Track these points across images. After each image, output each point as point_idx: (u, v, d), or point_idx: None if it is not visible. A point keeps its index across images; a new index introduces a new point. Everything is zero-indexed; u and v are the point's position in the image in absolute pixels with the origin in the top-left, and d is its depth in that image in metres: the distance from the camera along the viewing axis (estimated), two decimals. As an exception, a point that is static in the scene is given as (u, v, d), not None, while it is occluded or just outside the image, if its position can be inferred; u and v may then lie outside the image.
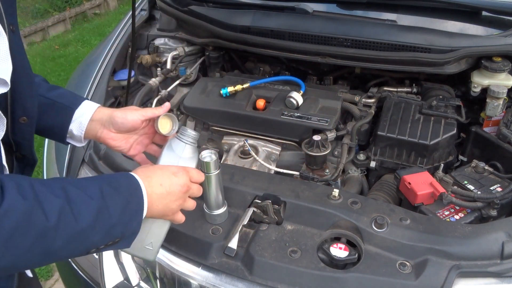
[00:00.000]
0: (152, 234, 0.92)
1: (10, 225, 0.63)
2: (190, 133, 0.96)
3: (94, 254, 1.33)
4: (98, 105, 1.05)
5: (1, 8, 0.71)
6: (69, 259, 1.39)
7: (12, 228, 0.63)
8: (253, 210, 1.07)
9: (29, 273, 1.08)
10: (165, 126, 1.02)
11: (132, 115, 1.00)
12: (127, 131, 1.02)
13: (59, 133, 1.04)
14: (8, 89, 0.75)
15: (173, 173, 0.88)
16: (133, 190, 0.81)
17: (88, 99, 1.06)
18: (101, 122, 1.02)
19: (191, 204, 0.93)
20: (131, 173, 0.85)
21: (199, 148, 1.62)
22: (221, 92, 1.53)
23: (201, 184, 1.03)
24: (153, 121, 1.04)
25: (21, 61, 0.80)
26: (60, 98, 1.02)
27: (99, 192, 0.75)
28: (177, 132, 0.98)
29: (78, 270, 1.36)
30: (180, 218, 0.92)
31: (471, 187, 1.22)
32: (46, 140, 1.66)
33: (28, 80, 0.85)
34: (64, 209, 0.69)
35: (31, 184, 0.68)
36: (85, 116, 1.02)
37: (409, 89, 1.60)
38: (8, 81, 0.74)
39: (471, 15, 1.54)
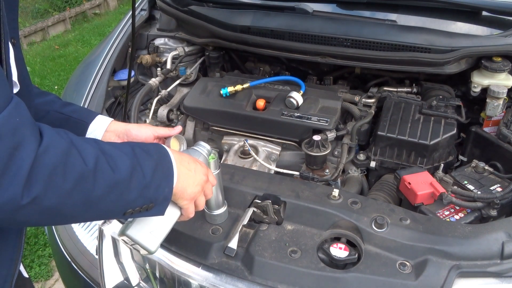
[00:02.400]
0: (159, 223, 0.92)
1: (50, 162, 0.64)
2: (205, 145, 1.00)
3: (94, 254, 1.33)
4: (112, 119, 1.10)
5: (5, 23, 0.74)
6: (68, 259, 1.39)
7: (52, 165, 0.64)
8: (253, 210, 1.07)
9: (24, 273, 1.08)
10: (175, 146, 1.09)
11: (147, 129, 1.07)
12: None
13: None
14: (17, 89, 0.79)
15: (198, 161, 0.92)
16: (163, 156, 0.83)
17: (101, 114, 1.10)
18: (116, 133, 1.07)
19: (203, 201, 0.94)
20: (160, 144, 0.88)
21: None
22: (221, 92, 1.53)
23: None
24: (163, 139, 1.11)
25: (21, 72, 0.83)
26: (74, 113, 1.06)
27: (131, 151, 0.78)
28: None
29: (78, 270, 1.36)
30: (191, 211, 0.92)
31: (471, 187, 1.22)
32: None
33: (27, 91, 0.87)
34: (100, 158, 0.71)
35: (65, 132, 0.71)
36: (100, 130, 1.06)
37: (409, 89, 1.60)
38: (17, 82, 0.78)
39: (471, 15, 1.54)
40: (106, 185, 0.71)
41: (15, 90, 0.78)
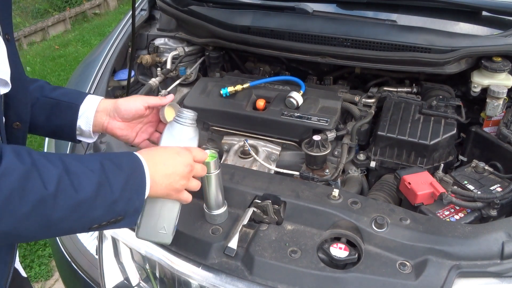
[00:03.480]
0: (164, 218, 0.93)
1: (7, 186, 0.63)
2: (187, 114, 0.95)
3: (94, 254, 1.33)
4: (101, 97, 1.07)
5: None
6: (68, 259, 1.39)
7: (10, 190, 0.63)
8: (253, 210, 1.07)
9: (22, 272, 1.08)
10: (170, 115, 1.04)
11: (135, 102, 1.04)
12: (131, 118, 1.05)
13: (69, 132, 1.05)
14: (9, 89, 0.78)
15: (176, 153, 0.88)
16: (135, 167, 0.81)
17: (91, 94, 1.07)
18: (106, 112, 1.04)
19: (195, 184, 0.92)
20: (134, 152, 0.84)
21: (200, 147, 1.62)
22: (221, 92, 1.53)
23: (201, 184, 1.04)
24: (156, 110, 1.08)
25: (16, 68, 0.82)
26: (64, 96, 1.04)
27: (100, 166, 0.75)
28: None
29: (78, 270, 1.36)
30: (186, 197, 0.91)
31: (471, 187, 1.22)
32: (46, 141, 1.66)
33: (22, 87, 0.87)
34: (63, 178, 0.69)
35: (29, 152, 0.69)
36: (91, 110, 1.03)
37: (409, 89, 1.60)
38: (9, 81, 0.77)
39: (471, 15, 1.54)
40: (67, 207, 0.69)
41: (6, 90, 0.78)
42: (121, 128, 1.05)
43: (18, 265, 1.10)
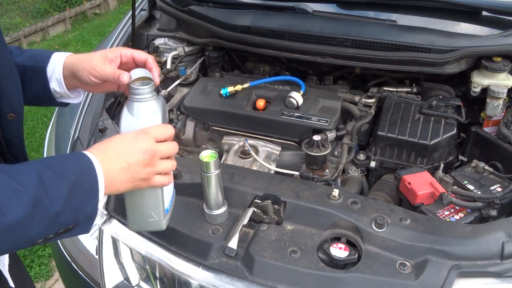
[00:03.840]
0: (148, 206, 0.87)
1: None
2: (139, 89, 0.84)
3: (94, 254, 1.33)
4: (67, 54, 0.97)
5: None
6: (68, 259, 1.39)
7: None
8: (253, 210, 1.07)
9: (10, 282, 1.03)
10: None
11: (89, 74, 0.91)
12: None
13: (47, 97, 0.98)
14: None
15: (132, 140, 0.79)
16: (83, 170, 0.73)
17: (57, 51, 0.98)
18: (72, 73, 0.95)
19: (166, 166, 0.83)
20: (84, 152, 0.76)
21: (199, 148, 1.62)
22: (221, 92, 1.53)
23: (202, 184, 1.04)
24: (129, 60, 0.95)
25: (4, 57, 0.80)
26: (29, 60, 0.96)
27: (37, 178, 0.68)
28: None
29: (78, 270, 1.36)
30: (160, 181, 0.83)
31: (471, 187, 1.22)
32: (46, 139, 1.66)
33: (12, 77, 0.85)
34: None
35: None
36: (58, 70, 0.95)
37: (409, 89, 1.60)
38: None
39: (471, 15, 1.54)
40: None
41: None
42: (95, 88, 0.96)
43: (6, 274, 1.04)
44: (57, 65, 0.95)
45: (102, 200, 0.76)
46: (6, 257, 1.02)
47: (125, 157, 0.77)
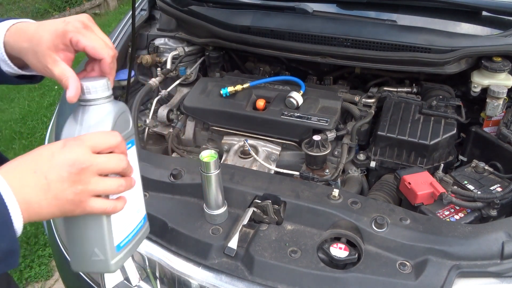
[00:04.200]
0: (89, 241, 0.68)
1: None
2: (88, 87, 0.67)
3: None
4: (3, 31, 0.75)
5: None
6: (69, 260, 1.39)
7: None
8: (253, 210, 1.07)
9: None
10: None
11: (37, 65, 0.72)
12: None
13: (2, 78, 0.79)
14: None
15: (56, 150, 0.62)
16: None
17: None
18: (19, 59, 0.76)
19: (109, 185, 0.64)
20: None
21: (199, 148, 1.62)
22: (221, 92, 1.53)
23: (202, 184, 1.04)
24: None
25: None
26: None
27: None
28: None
29: (78, 270, 1.36)
30: (98, 206, 0.64)
31: (471, 187, 1.22)
32: (47, 139, 1.66)
33: None
34: None
35: None
36: None
37: (409, 89, 1.60)
38: None
39: (471, 15, 1.54)
40: None
41: None
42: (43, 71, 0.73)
43: None
44: None
45: (20, 229, 0.59)
46: None
47: (43, 171, 0.60)
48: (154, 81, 1.69)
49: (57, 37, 0.70)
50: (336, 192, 1.11)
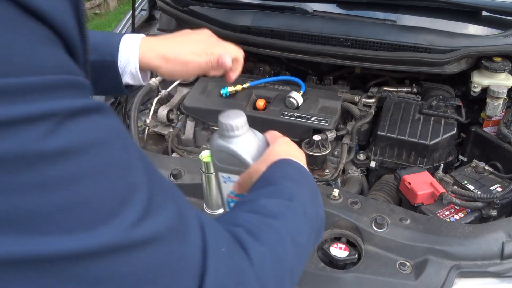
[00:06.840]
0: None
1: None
2: (230, 124, 0.81)
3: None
4: (136, 44, 0.86)
5: None
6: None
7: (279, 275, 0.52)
8: (253, 210, 1.07)
9: None
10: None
11: (187, 69, 0.90)
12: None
13: (117, 91, 0.90)
14: None
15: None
16: (304, 173, 0.70)
17: (123, 36, 0.87)
18: (151, 65, 0.88)
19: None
20: (286, 158, 0.72)
21: (199, 148, 1.62)
22: (221, 92, 1.53)
23: (202, 184, 1.04)
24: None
25: None
26: (93, 54, 0.79)
27: (289, 193, 0.61)
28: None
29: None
30: None
31: (471, 187, 1.22)
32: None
33: None
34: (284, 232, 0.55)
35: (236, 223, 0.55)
36: (132, 63, 0.85)
37: (409, 89, 1.60)
38: None
39: (471, 15, 1.54)
40: (299, 256, 0.57)
41: None
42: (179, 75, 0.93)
43: None
44: (130, 60, 0.86)
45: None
46: None
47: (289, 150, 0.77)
48: (154, 81, 1.69)
49: (205, 50, 0.94)
50: (336, 192, 1.11)
